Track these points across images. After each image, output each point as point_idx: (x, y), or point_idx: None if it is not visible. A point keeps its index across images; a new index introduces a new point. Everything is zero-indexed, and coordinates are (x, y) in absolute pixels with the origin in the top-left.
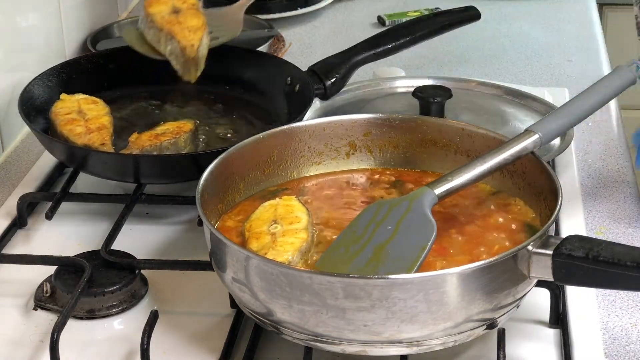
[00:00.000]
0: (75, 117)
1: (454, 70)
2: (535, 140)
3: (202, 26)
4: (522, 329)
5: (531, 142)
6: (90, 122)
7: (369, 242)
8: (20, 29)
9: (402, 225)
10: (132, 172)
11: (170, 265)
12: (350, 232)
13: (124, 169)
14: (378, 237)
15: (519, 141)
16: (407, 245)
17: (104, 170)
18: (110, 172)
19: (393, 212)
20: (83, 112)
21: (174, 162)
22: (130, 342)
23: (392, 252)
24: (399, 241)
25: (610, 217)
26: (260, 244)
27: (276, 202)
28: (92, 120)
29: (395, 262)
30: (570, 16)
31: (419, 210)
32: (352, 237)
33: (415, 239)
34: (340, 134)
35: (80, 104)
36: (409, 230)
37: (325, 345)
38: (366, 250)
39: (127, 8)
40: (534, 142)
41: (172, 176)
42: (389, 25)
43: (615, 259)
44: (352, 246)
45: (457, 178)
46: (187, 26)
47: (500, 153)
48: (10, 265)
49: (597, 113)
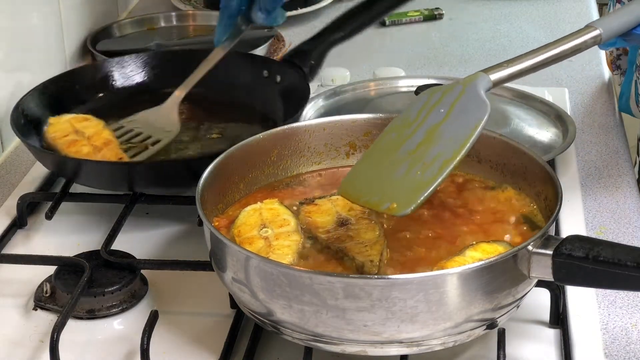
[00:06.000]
0: (75, 137)
1: (454, 70)
2: (596, 36)
3: None
4: (522, 329)
5: (591, 37)
6: (94, 140)
7: (420, 125)
8: (20, 29)
9: (456, 107)
10: (127, 180)
11: (170, 265)
12: (402, 118)
13: (118, 177)
14: (430, 120)
15: (579, 35)
16: (459, 126)
17: (98, 181)
18: (105, 182)
19: (446, 96)
20: (80, 132)
21: (168, 169)
22: (130, 342)
23: (445, 133)
24: (452, 122)
25: (610, 217)
26: (255, 249)
27: (258, 206)
28: (95, 138)
29: (447, 142)
30: (570, 16)
31: (473, 93)
32: (404, 122)
33: (469, 118)
34: (340, 134)
35: (72, 124)
36: (462, 112)
37: (325, 345)
38: (417, 134)
39: (127, 8)
40: (594, 38)
41: (167, 185)
42: (389, 25)
43: (615, 259)
44: (404, 130)
45: (513, 66)
46: None
47: (559, 45)
48: (10, 265)
49: (598, 113)
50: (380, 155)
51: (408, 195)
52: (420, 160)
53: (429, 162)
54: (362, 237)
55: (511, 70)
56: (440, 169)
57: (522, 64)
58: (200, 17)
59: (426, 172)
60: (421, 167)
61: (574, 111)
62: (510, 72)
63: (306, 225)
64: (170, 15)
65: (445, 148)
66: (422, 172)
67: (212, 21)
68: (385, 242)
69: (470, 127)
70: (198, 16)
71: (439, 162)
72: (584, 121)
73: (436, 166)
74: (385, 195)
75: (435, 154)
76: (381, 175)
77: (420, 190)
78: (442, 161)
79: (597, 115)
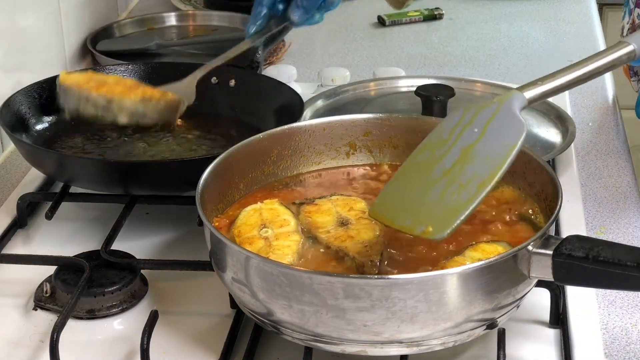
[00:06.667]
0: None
1: (455, 70)
2: (630, 52)
3: None
4: (522, 329)
5: (625, 53)
6: (122, 82)
7: (454, 144)
8: (20, 29)
9: (490, 127)
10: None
11: (170, 265)
12: (435, 136)
13: (111, 177)
14: (464, 140)
15: (613, 51)
16: (495, 145)
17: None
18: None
19: (480, 115)
20: (102, 80)
21: (168, 170)
22: (130, 342)
23: (480, 152)
24: (487, 142)
25: (610, 217)
26: (255, 249)
27: (258, 206)
28: (121, 82)
29: (483, 160)
30: (570, 16)
31: (508, 112)
32: (437, 140)
33: (504, 138)
34: (340, 134)
35: (90, 76)
36: (497, 132)
37: (325, 345)
38: (452, 152)
39: (127, 8)
40: (628, 54)
41: (164, 186)
42: (389, 25)
43: (615, 259)
44: (436, 150)
45: (548, 83)
46: None
47: (593, 62)
48: (10, 265)
49: (598, 113)
50: (413, 175)
51: (444, 218)
52: (455, 181)
53: (465, 183)
54: (362, 237)
55: (546, 87)
56: (477, 191)
57: (557, 81)
58: (200, 17)
59: (462, 193)
60: (457, 188)
61: (574, 111)
62: (545, 89)
63: (306, 225)
64: (170, 15)
65: (481, 169)
66: (457, 194)
67: (212, 21)
68: (385, 242)
69: (506, 148)
70: (198, 16)
71: (475, 183)
72: (584, 121)
73: (473, 188)
74: (420, 217)
75: (470, 175)
76: (415, 196)
77: (456, 213)
78: (479, 182)
79: (597, 115)
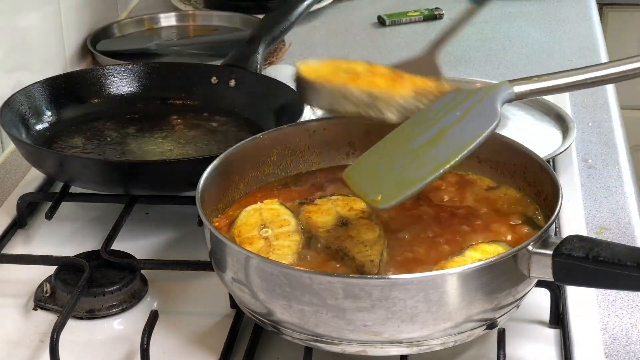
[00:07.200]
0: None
1: (454, 70)
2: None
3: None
4: (522, 329)
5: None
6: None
7: (434, 124)
8: (20, 29)
9: (471, 113)
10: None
11: (170, 265)
12: (423, 113)
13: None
14: (445, 121)
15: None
16: (466, 132)
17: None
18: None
19: (467, 100)
20: (351, 70)
21: (168, 170)
22: (130, 342)
23: (452, 135)
24: (462, 127)
25: (610, 217)
26: (255, 249)
27: (258, 206)
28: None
29: (448, 145)
30: (570, 16)
31: (490, 101)
32: (423, 118)
33: (475, 126)
34: (340, 134)
35: (336, 64)
36: (474, 119)
37: (325, 345)
38: (429, 132)
39: (127, 8)
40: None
41: (164, 186)
42: (389, 25)
43: (615, 259)
44: (419, 126)
45: (543, 81)
46: None
47: (597, 70)
48: (10, 265)
49: (598, 113)
50: (391, 146)
51: (394, 191)
52: (419, 158)
53: (425, 161)
54: (362, 237)
55: (538, 85)
56: (431, 171)
57: (552, 81)
58: (200, 17)
59: (418, 171)
60: (416, 165)
61: (574, 111)
62: (537, 87)
63: (306, 225)
64: (170, 15)
65: (443, 152)
66: (414, 171)
67: (212, 21)
68: (385, 242)
69: (472, 135)
70: (198, 16)
71: (433, 164)
72: (584, 121)
73: (429, 168)
74: (377, 186)
75: (433, 155)
76: (383, 167)
77: (406, 187)
78: (436, 164)
79: (597, 115)
